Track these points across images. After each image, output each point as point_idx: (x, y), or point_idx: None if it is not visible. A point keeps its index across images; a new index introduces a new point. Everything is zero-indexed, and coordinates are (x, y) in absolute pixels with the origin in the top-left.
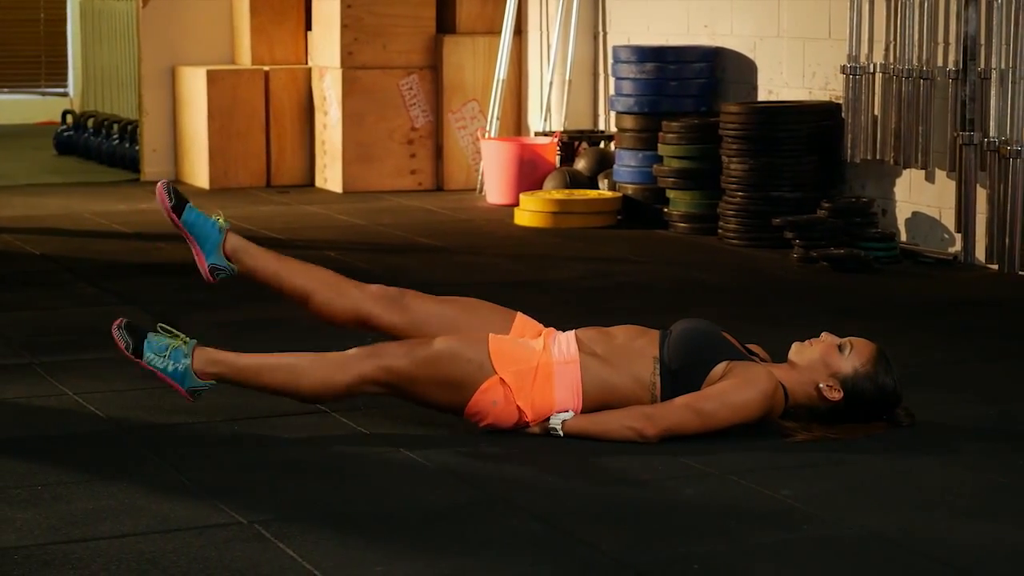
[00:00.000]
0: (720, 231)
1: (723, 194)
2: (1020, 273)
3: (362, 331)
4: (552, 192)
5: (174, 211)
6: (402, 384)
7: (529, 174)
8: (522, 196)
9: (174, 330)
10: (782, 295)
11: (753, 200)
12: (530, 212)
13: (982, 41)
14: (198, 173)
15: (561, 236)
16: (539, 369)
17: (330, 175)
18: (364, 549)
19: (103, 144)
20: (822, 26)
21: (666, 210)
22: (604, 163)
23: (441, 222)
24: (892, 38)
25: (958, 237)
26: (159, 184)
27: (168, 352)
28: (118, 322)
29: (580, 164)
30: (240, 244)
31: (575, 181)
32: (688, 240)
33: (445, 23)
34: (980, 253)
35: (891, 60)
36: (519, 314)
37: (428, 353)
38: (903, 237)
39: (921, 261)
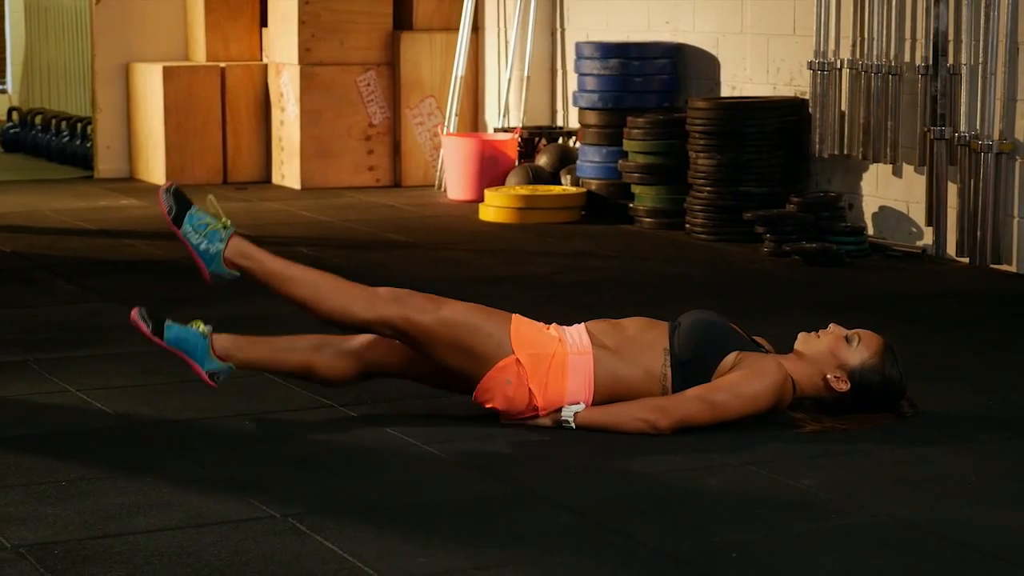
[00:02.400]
0: (687, 225)
1: (690, 189)
2: (992, 266)
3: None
4: (517, 188)
5: (155, 335)
6: (419, 338)
7: (490, 170)
8: (487, 192)
9: (220, 209)
10: (758, 289)
11: (721, 195)
12: (495, 208)
13: (951, 37)
14: (153, 170)
15: (527, 231)
16: (555, 357)
17: (287, 171)
18: (402, 541)
19: (52, 141)
20: (786, 22)
21: (631, 205)
22: (566, 159)
23: (406, 218)
24: (859, 34)
25: (926, 231)
26: (133, 313)
27: (206, 231)
28: (167, 185)
29: (542, 160)
30: (228, 343)
31: (538, 177)
32: (655, 235)
33: (402, 20)
34: (951, 247)
35: (858, 56)
36: (516, 315)
37: (452, 317)
38: (870, 231)
39: (890, 255)
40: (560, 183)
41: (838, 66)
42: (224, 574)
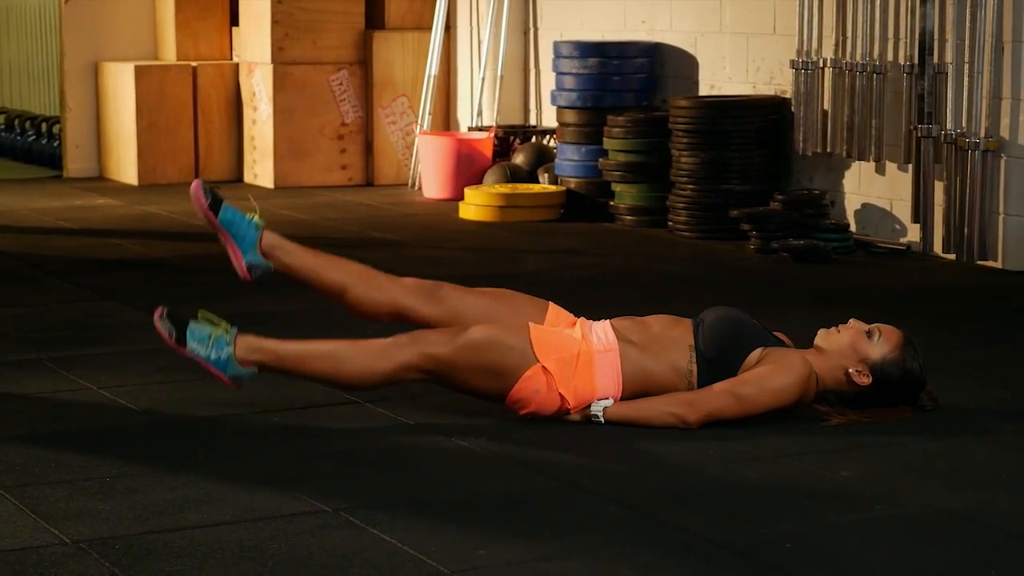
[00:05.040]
0: (670, 223)
1: (672, 187)
2: (978, 263)
3: (398, 324)
4: (497, 186)
5: (211, 209)
6: (444, 371)
7: (466, 169)
8: (467, 190)
9: (215, 317)
10: (751, 285)
11: (704, 193)
12: (475, 206)
13: (936, 36)
14: (124, 169)
15: (510, 230)
16: (580, 357)
17: (260, 170)
18: (458, 534)
19: (17, 140)
20: (766, 21)
21: (612, 203)
22: (542, 158)
23: (386, 217)
24: (841, 34)
25: (910, 228)
26: (194, 183)
27: (211, 340)
28: (159, 311)
29: (518, 159)
30: (276, 241)
31: (515, 176)
32: (638, 232)
33: (374, 19)
34: (937, 243)
35: (841, 55)
36: (551, 304)
37: (471, 340)
38: (853, 228)
39: (874, 251)
40: (538, 182)
41: (821, 65)
42: (289, 568)
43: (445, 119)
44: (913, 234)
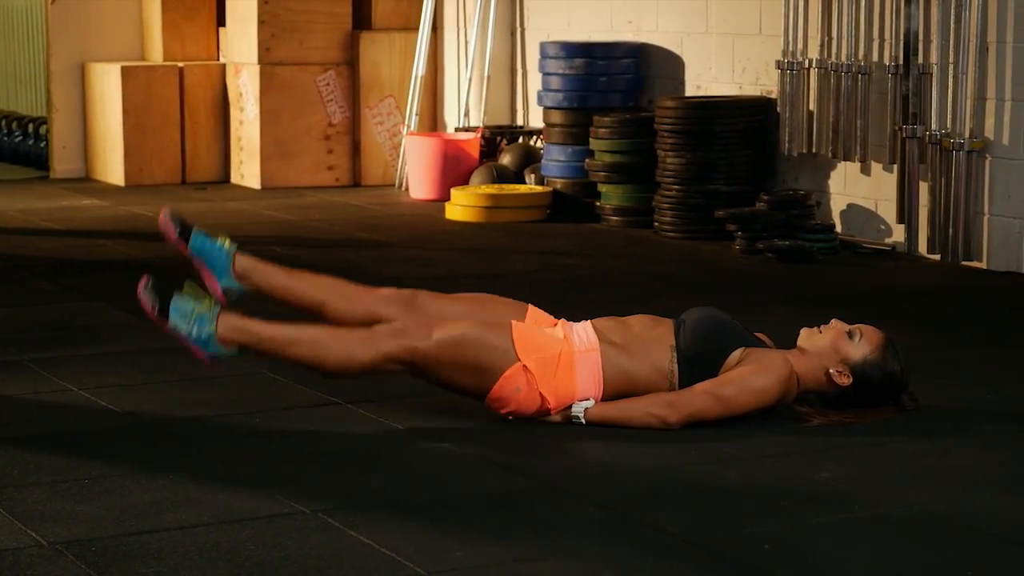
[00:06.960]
0: (656, 224)
1: (658, 187)
2: (963, 263)
3: None
4: (483, 187)
5: (181, 239)
6: (425, 365)
7: (453, 169)
8: (454, 191)
9: (200, 291)
10: (736, 286)
11: (689, 193)
12: (462, 207)
13: (921, 37)
14: (111, 170)
15: (496, 230)
16: (561, 357)
17: (247, 171)
18: (436, 535)
19: (4, 141)
20: (752, 22)
21: (598, 204)
22: (529, 158)
23: (373, 217)
24: (827, 34)
25: (895, 228)
26: (162, 214)
27: (193, 316)
28: (144, 281)
29: (505, 159)
30: (249, 264)
31: (502, 176)
32: (623, 233)
33: (361, 19)
34: (922, 244)
35: (826, 56)
36: (530, 306)
37: (453, 336)
38: (838, 229)
39: (859, 252)
40: (524, 182)
41: (806, 65)
42: (266, 569)
43: (432, 120)
44: (898, 235)
